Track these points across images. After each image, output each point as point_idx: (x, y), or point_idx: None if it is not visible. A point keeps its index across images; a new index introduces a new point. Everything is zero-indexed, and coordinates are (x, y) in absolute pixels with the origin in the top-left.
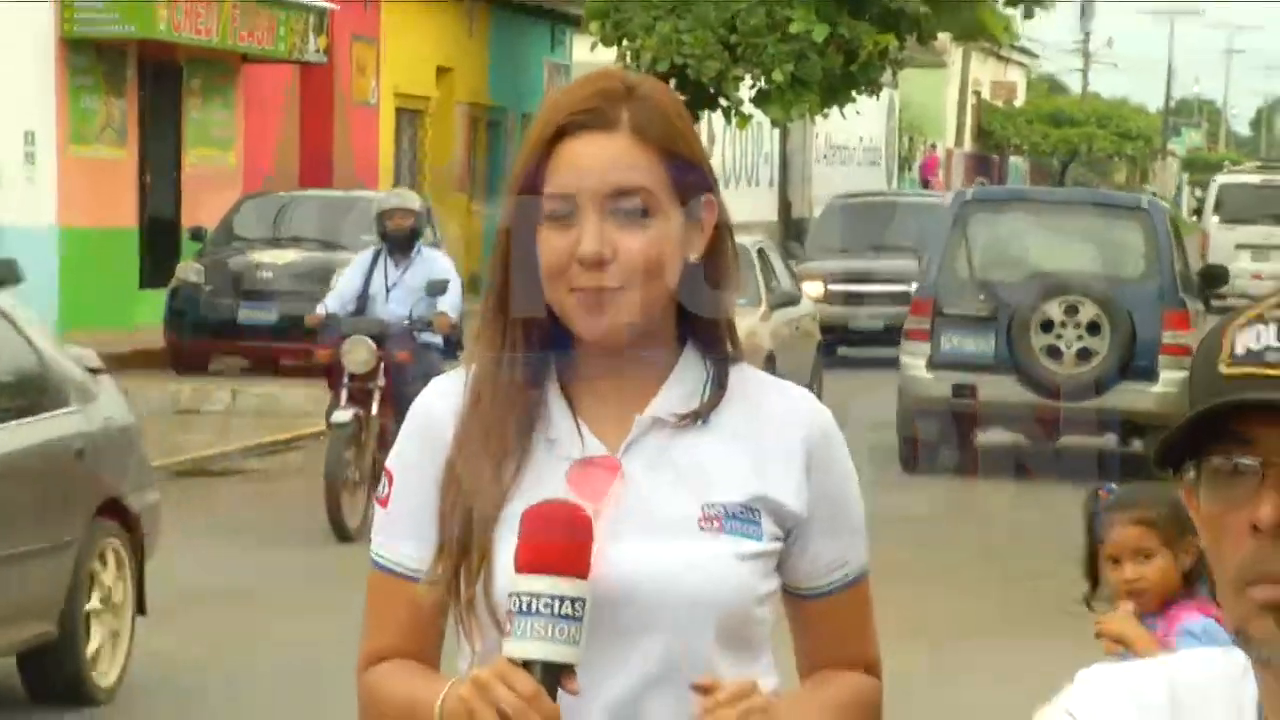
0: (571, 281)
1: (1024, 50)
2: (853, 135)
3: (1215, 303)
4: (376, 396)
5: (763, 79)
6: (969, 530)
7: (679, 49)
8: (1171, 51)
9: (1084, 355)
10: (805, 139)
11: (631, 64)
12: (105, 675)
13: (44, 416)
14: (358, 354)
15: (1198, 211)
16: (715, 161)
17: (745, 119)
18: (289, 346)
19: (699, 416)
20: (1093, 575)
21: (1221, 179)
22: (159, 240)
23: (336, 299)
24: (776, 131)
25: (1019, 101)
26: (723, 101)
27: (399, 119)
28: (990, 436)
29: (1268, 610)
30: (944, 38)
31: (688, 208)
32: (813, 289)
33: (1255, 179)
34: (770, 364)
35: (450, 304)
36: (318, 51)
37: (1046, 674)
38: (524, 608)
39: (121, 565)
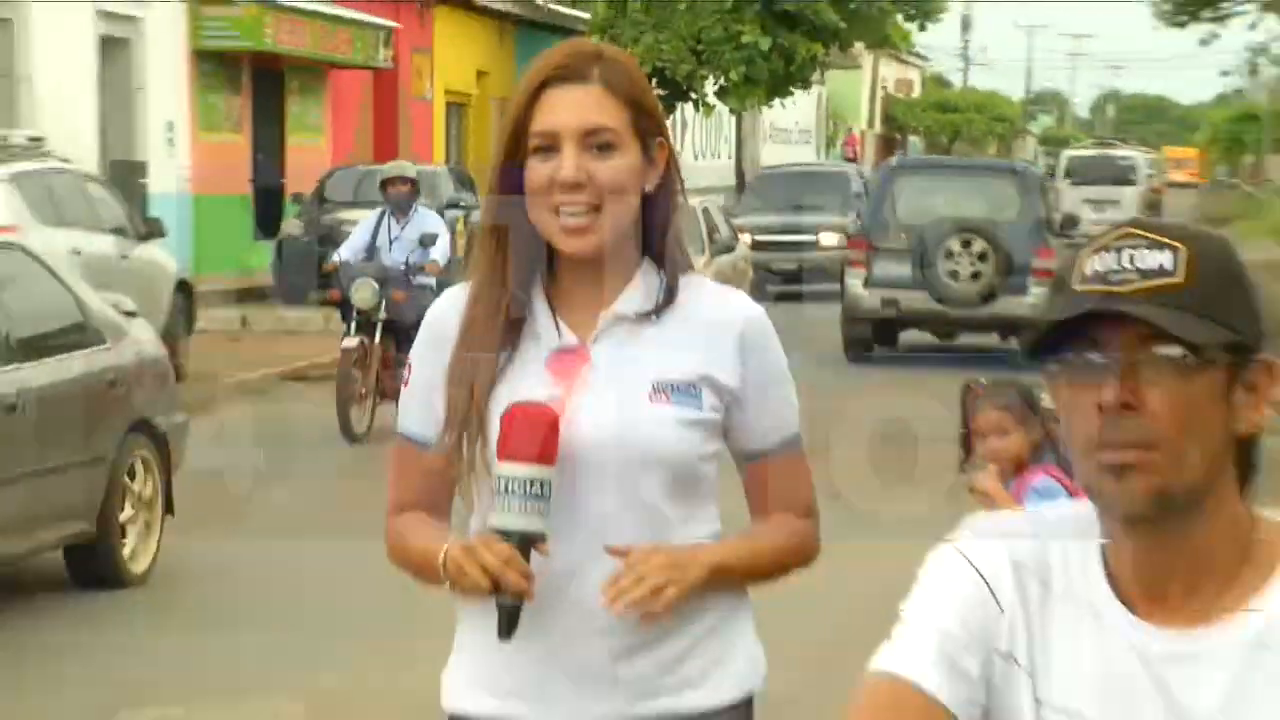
0: (553, 202)
1: (919, 55)
2: (791, 120)
3: (1067, 241)
4: (379, 327)
5: (722, 78)
6: (887, 403)
7: (659, 56)
8: (1030, 55)
9: (975, 276)
10: (755, 124)
11: None
12: (137, 564)
13: (82, 353)
14: (363, 293)
15: (1050, 175)
16: (687, 140)
17: (709, 109)
18: None
19: (653, 314)
20: (966, 447)
21: (1069, 152)
22: (267, 203)
23: (349, 249)
24: (733, 118)
25: (915, 94)
26: (692, 95)
27: (448, 111)
28: (908, 336)
29: (1108, 470)
30: (859, 46)
31: (645, 147)
32: (743, 239)
33: (1093, 152)
34: None
35: (440, 253)
36: (386, 60)
37: (935, 520)
38: (503, 489)
39: (150, 473)
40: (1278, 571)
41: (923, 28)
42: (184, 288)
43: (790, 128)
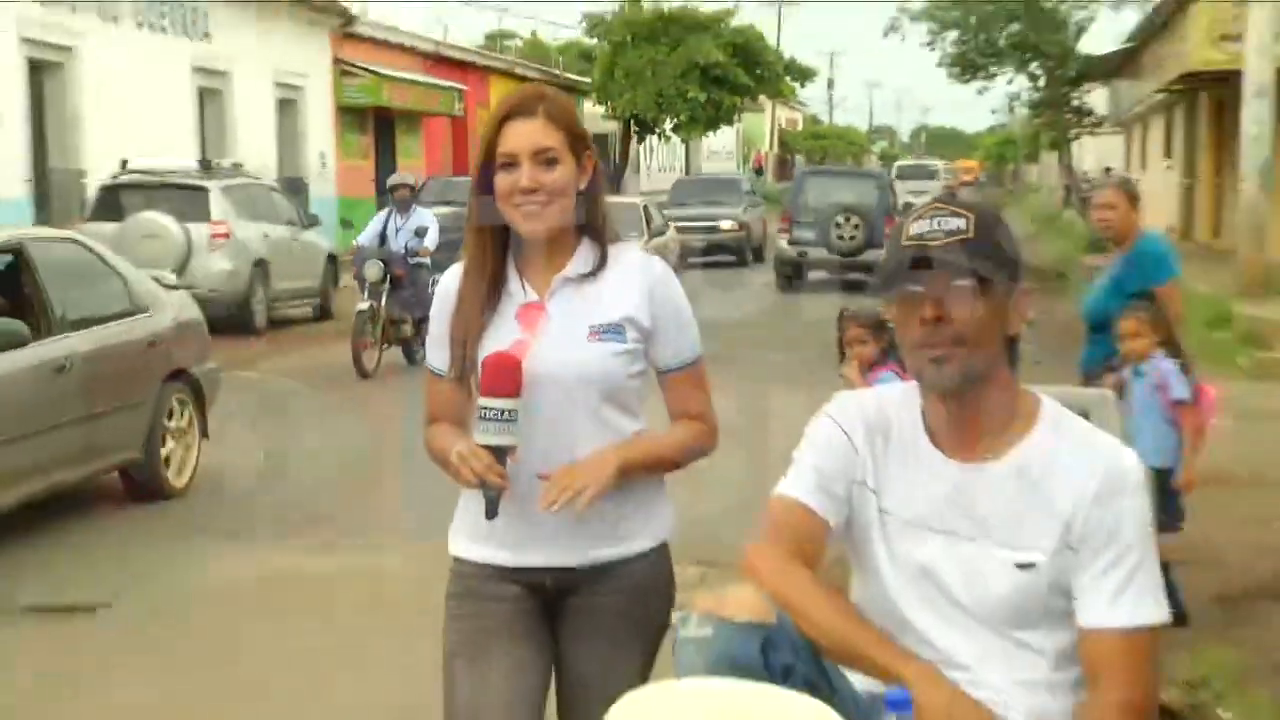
0: (515, 201)
1: (800, 103)
2: (720, 145)
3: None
4: (384, 296)
5: (676, 120)
6: (802, 317)
7: (635, 105)
8: (871, 101)
9: (852, 239)
10: (697, 148)
11: (609, 113)
12: (179, 479)
13: (127, 320)
14: (372, 271)
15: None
16: (654, 160)
17: (668, 139)
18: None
19: (592, 274)
20: (841, 351)
21: (898, 163)
22: (385, 203)
23: (365, 237)
24: (683, 145)
25: (799, 128)
26: (656, 130)
27: None
28: (814, 275)
29: (929, 361)
30: (763, 98)
31: (578, 160)
32: (672, 225)
33: (912, 163)
34: None
35: (430, 240)
36: (459, 110)
37: (822, 396)
38: (483, 414)
39: (185, 407)
40: (1032, 426)
41: (803, 85)
42: (332, 259)
43: (720, 150)
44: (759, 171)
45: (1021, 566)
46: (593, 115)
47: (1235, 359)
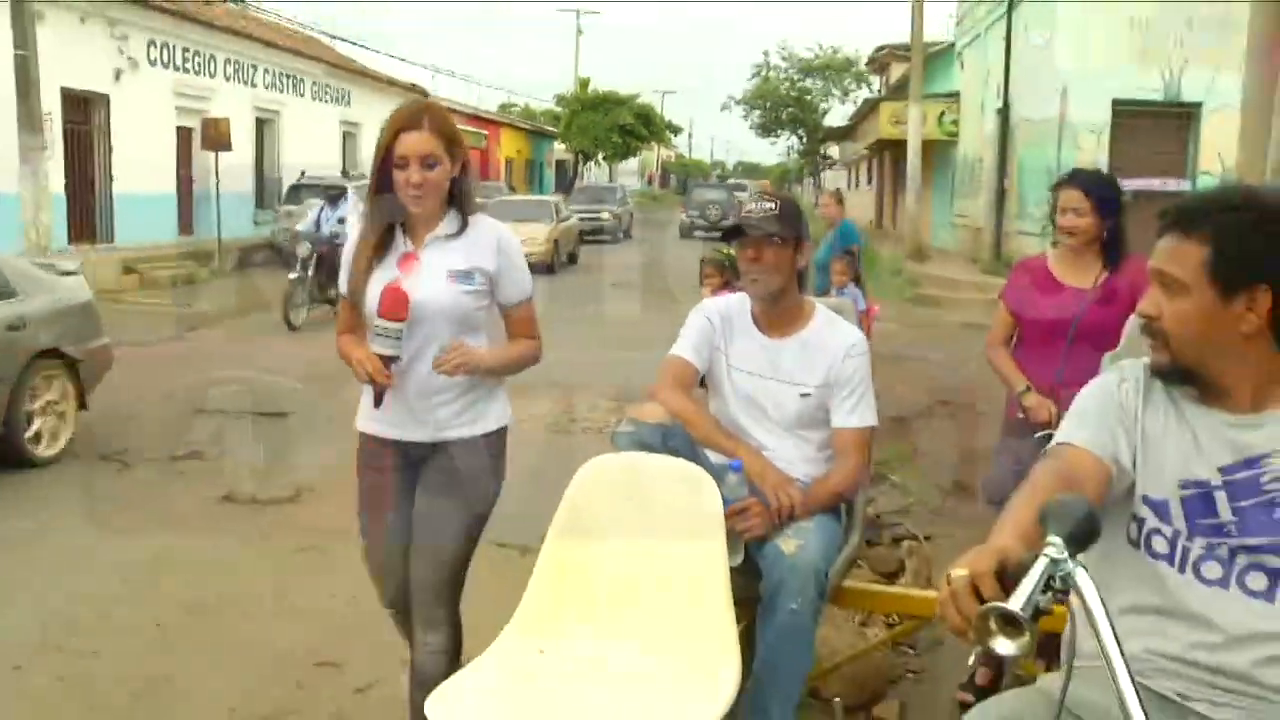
0: (408, 192)
1: (674, 145)
2: (630, 168)
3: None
4: (311, 267)
5: (606, 154)
6: (688, 254)
7: (583, 145)
8: (713, 145)
9: (715, 215)
10: (616, 170)
11: (568, 149)
12: (47, 451)
13: None
14: (301, 249)
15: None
16: (590, 178)
17: (600, 165)
18: None
19: (455, 235)
20: (701, 281)
21: (728, 181)
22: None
23: (303, 225)
24: (608, 168)
25: (673, 159)
26: (594, 160)
27: (506, 165)
28: (697, 233)
29: (751, 284)
30: (653, 143)
31: (453, 159)
32: (574, 216)
33: (734, 181)
34: (556, 245)
35: (350, 227)
36: (484, 145)
37: (691, 305)
38: (378, 331)
39: (55, 382)
40: (810, 318)
41: (675, 136)
42: None
43: (630, 170)
44: (650, 183)
45: (803, 395)
46: (559, 150)
47: (903, 293)
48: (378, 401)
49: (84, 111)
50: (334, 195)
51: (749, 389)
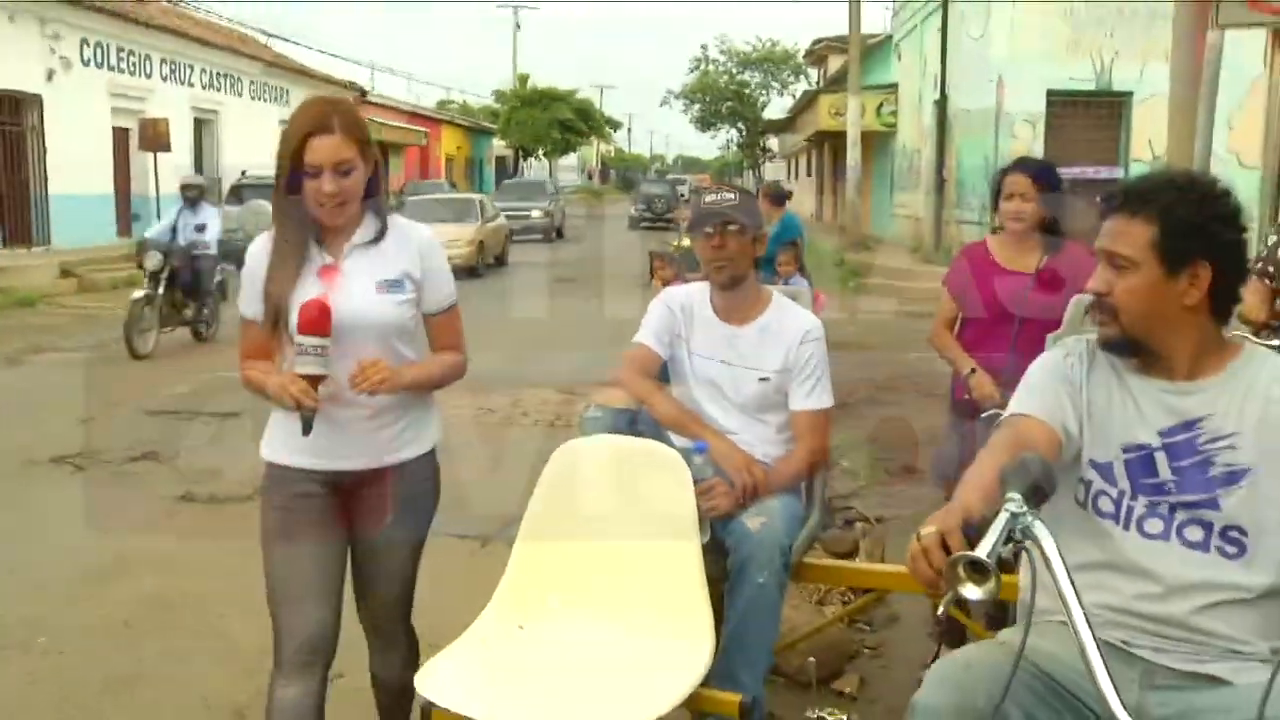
0: (320, 201)
1: (613, 139)
2: (570, 163)
3: (685, 197)
4: (163, 282)
5: (545, 149)
6: (640, 242)
7: (522, 141)
8: (652, 141)
9: (660, 208)
10: (556, 165)
11: (508, 145)
12: None
13: None
14: (151, 261)
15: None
16: (530, 174)
17: (540, 160)
18: None
19: (374, 241)
20: (650, 273)
21: (668, 176)
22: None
23: (153, 231)
24: (548, 163)
25: (612, 154)
26: (534, 155)
27: (447, 163)
28: (643, 224)
29: (714, 270)
30: (593, 137)
31: (367, 162)
32: (501, 215)
33: (674, 176)
34: (481, 247)
35: (211, 235)
36: (424, 142)
37: (645, 296)
38: (301, 349)
39: None
40: (767, 305)
41: (615, 131)
42: None
43: (571, 166)
44: (591, 178)
45: (762, 379)
46: (499, 146)
47: (846, 283)
48: (306, 429)
49: (16, 112)
50: (192, 197)
51: (710, 374)
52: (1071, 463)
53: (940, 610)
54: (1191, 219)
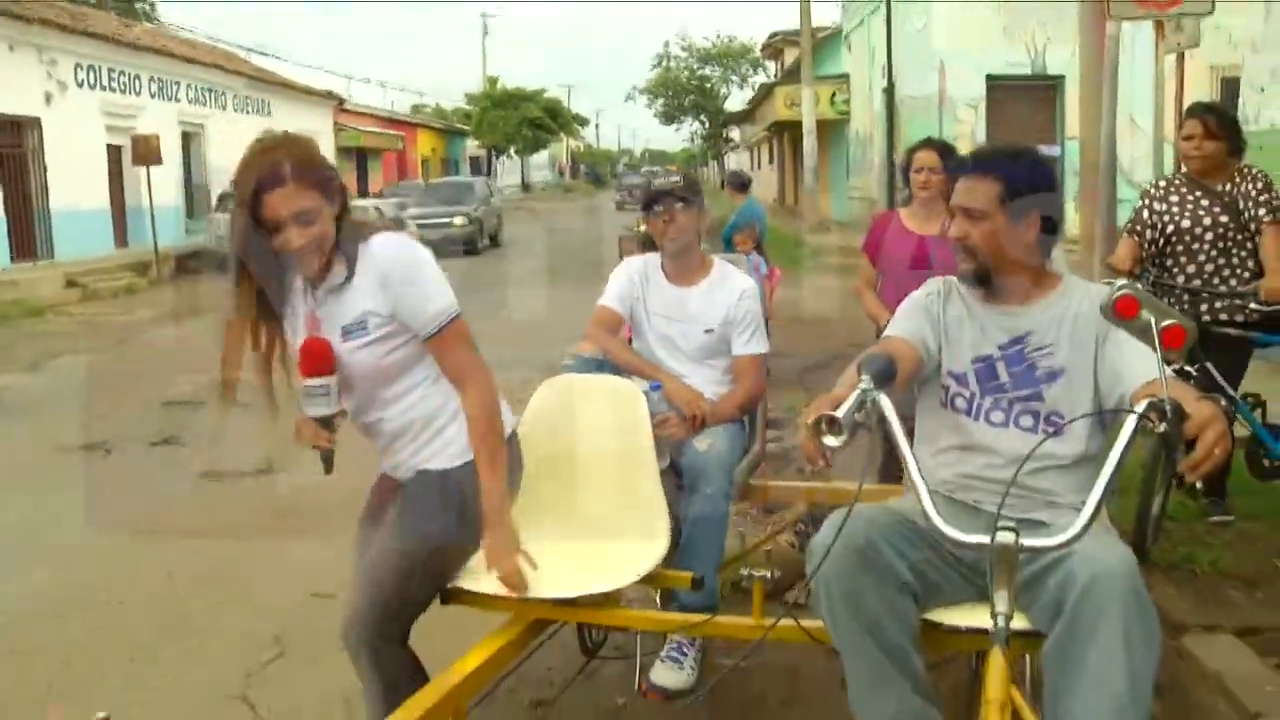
0: (288, 251)
1: (581, 136)
2: (540, 161)
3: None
4: None
5: (517, 147)
6: (617, 221)
7: (494, 140)
8: (619, 136)
9: (635, 192)
10: (528, 163)
11: (481, 145)
12: None
13: None
14: None
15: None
16: (503, 170)
17: (512, 158)
18: None
19: (346, 281)
20: (620, 255)
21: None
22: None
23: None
24: (520, 161)
25: (581, 150)
26: (504, 154)
27: (422, 163)
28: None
29: (666, 241)
30: (562, 135)
31: (332, 199)
32: (411, 224)
33: (648, 168)
34: None
35: None
36: (400, 147)
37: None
38: (307, 392)
39: None
40: (710, 270)
41: (583, 128)
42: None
43: (542, 164)
44: (561, 174)
45: (707, 331)
46: (472, 147)
47: (805, 264)
48: (327, 467)
49: (17, 134)
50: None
51: (664, 329)
52: (934, 375)
53: (808, 470)
54: (1026, 178)
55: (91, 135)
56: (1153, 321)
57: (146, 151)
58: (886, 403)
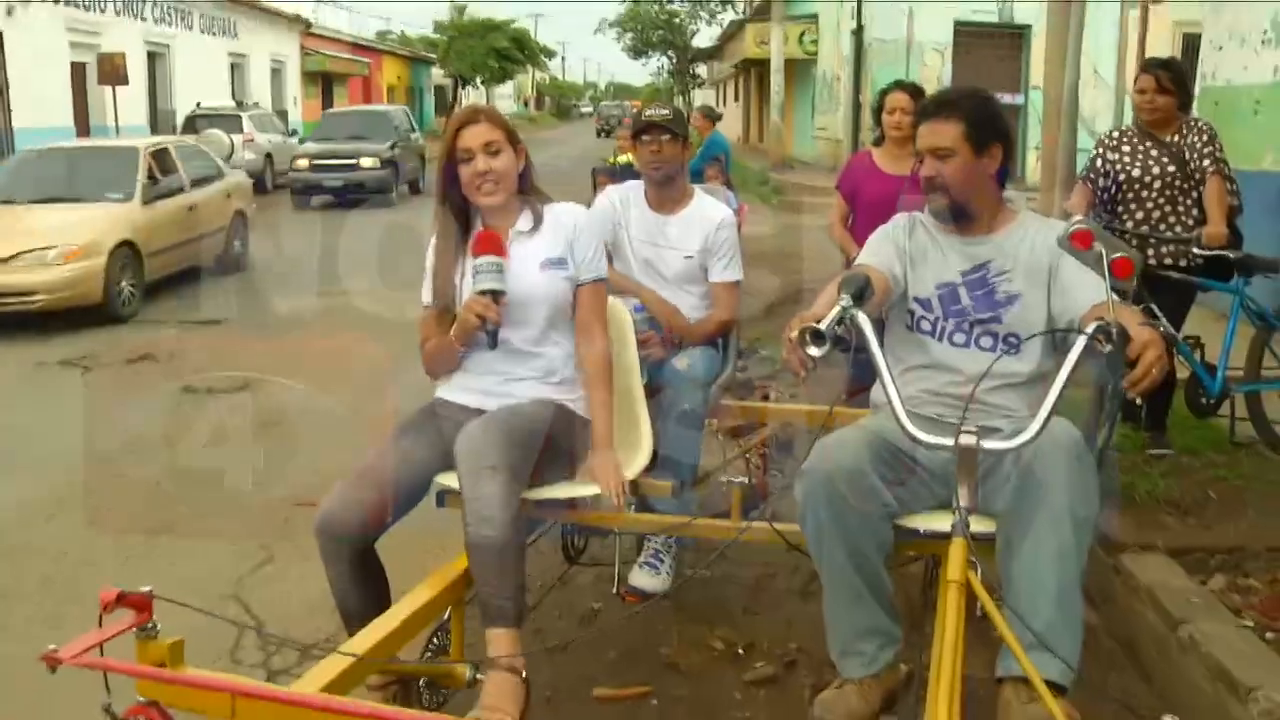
0: (475, 183)
1: (548, 68)
2: (506, 92)
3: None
4: None
5: (483, 77)
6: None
7: (461, 70)
8: (585, 72)
9: (619, 123)
10: (494, 93)
11: (447, 74)
12: None
13: None
14: None
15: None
16: (470, 98)
17: (478, 87)
18: None
19: (533, 229)
20: (594, 183)
21: (603, 103)
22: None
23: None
24: (486, 91)
25: (548, 82)
26: (474, 84)
27: (388, 90)
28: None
29: (651, 169)
30: (529, 66)
31: (516, 152)
32: (302, 162)
33: (610, 103)
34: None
35: None
36: (365, 73)
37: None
38: (478, 269)
39: None
40: (691, 199)
41: (549, 59)
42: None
43: (507, 94)
44: (526, 105)
45: (686, 258)
46: (438, 76)
47: (769, 200)
48: (492, 341)
49: None
50: None
51: (645, 254)
52: (901, 301)
53: (797, 369)
54: (985, 114)
55: (55, 51)
56: (1104, 253)
57: (112, 70)
58: (864, 319)
